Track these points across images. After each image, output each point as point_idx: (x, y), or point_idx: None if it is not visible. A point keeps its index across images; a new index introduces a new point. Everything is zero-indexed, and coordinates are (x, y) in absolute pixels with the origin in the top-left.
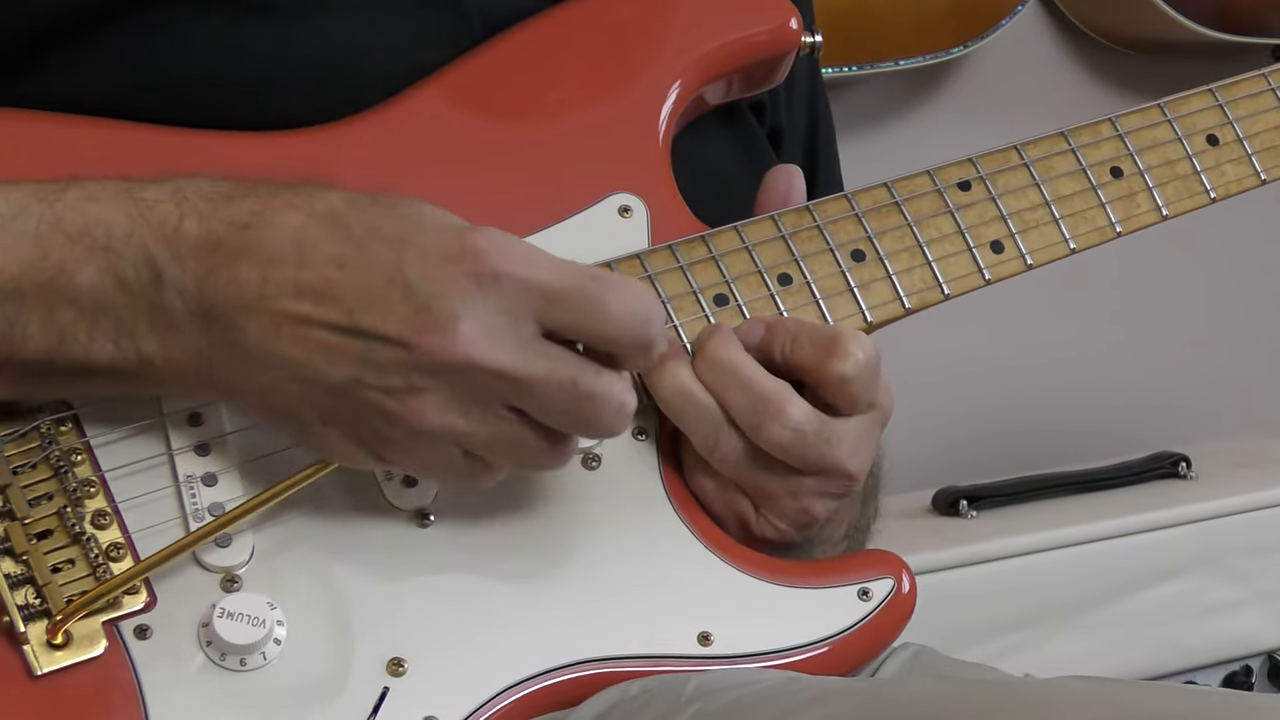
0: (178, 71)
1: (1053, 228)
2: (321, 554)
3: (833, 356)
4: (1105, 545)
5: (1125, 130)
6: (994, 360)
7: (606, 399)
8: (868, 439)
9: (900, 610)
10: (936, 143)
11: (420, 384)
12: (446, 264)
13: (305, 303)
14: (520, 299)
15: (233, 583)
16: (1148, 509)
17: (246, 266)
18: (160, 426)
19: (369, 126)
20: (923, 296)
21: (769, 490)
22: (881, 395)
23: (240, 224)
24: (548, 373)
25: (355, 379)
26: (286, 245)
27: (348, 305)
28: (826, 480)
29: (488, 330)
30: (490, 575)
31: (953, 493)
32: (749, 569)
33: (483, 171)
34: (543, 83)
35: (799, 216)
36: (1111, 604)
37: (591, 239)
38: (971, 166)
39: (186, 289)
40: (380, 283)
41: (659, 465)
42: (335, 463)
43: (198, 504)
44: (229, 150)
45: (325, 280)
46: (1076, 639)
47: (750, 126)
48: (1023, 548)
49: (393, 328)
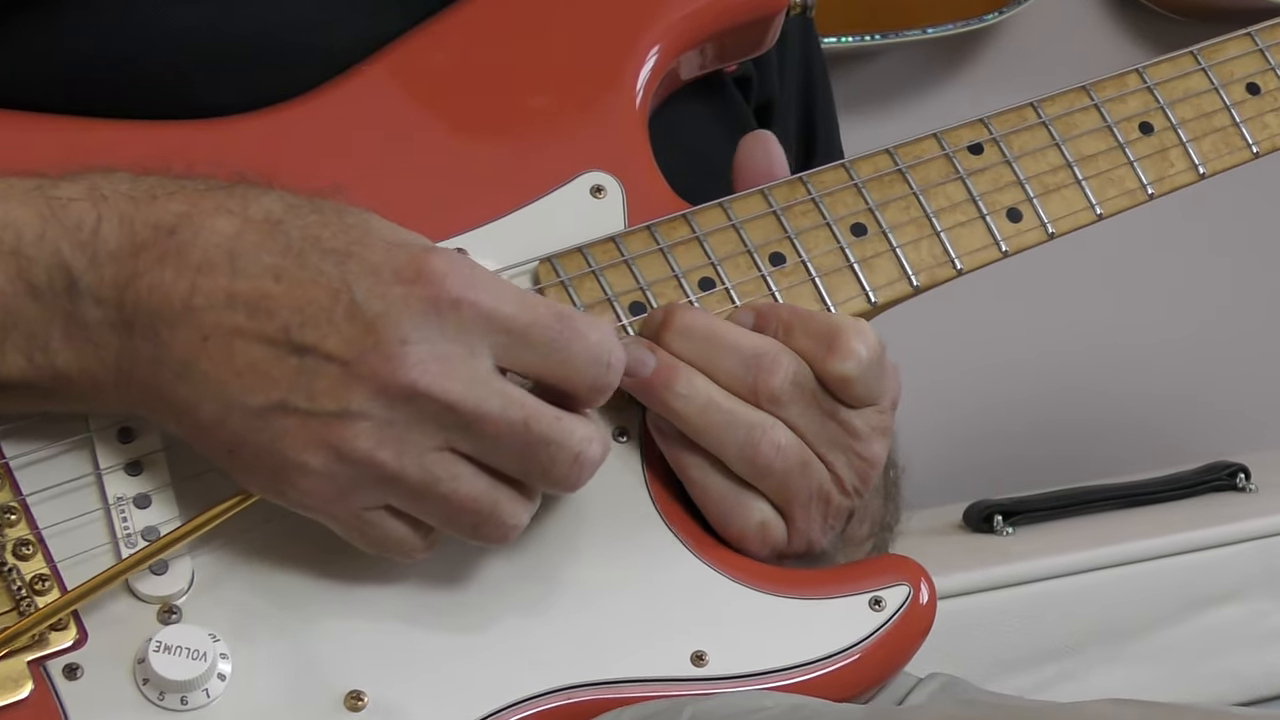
0: (97, 54)
1: (1076, 191)
2: (270, 579)
3: (832, 355)
4: (1155, 565)
5: (1154, 81)
6: (1031, 359)
7: (563, 445)
8: (878, 426)
9: (918, 622)
10: (958, 117)
11: (355, 408)
12: (399, 284)
13: (237, 315)
14: (479, 329)
15: (170, 613)
16: (1203, 525)
17: (173, 274)
18: (87, 443)
19: (309, 111)
20: (933, 272)
21: (801, 492)
22: (888, 385)
23: (166, 227)
24: (501, 411)
25: (280, 403)
26: (217, 253)
27: (284, 320)
28: (842, 460)
29: (440, 358)
30: (457, 595)
31: (986, 507)
32: (745, 579)
33: (438, 154)
34: (502, 54)
35: (791, 189)
36: (1162, 630)
37: (561, 223)
38: (983, 127)
39: (105, 298)
40: (322, 298)
41: (642, 468)
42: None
43: (129, 528)
44: (153, 141)
45: (260, 292)
46: (1123, 669)
47: (734, 100)
48: (1064, 568)
49: (334, 345)
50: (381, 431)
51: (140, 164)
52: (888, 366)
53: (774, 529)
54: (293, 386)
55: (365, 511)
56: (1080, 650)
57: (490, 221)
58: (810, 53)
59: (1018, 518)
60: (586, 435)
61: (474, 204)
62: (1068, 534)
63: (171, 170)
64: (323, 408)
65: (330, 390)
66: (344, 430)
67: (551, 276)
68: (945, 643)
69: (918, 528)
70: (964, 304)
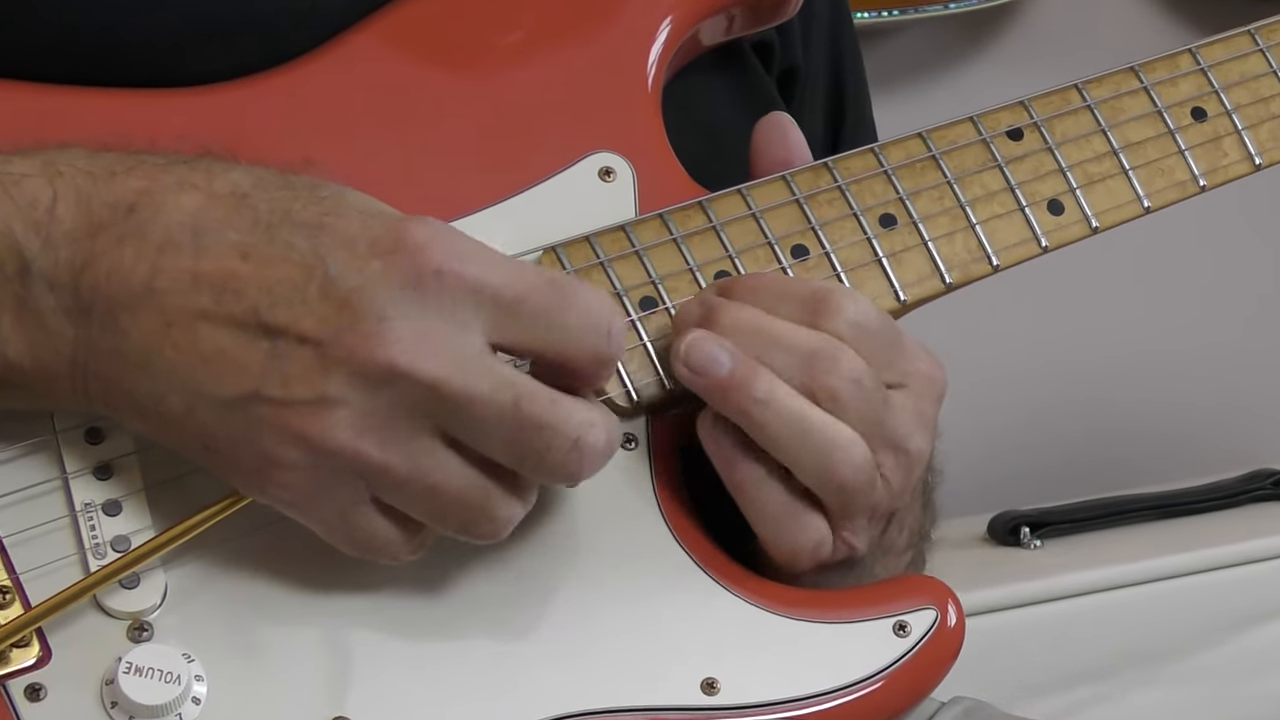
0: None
1: (1122, 182)
2: (249, 594)
3: (820, 319)
4: (1194, 581)
5: (1208, 63)
6: (1060, 360)
7: (559, 429)
8: (923, 416)
9: (945, 648)
10: (992, 101)
11: (333, 394)
12: (376, 256)
13: (203, 297)
14: (465, 303)
15: (141, 631)
16: (1245, 537)
17: (132, 255)
18: (52, 445)
19: (292, 81)
20: (967, 269)
21: (863, 508)
22: (920, 364)
23: (125, 206)
24: (490, 392)
25: (253, 392)
26: (180, 231)
27: (252, 300)
28: (890, 460)
29: (422, 335)
30: (453, 614)
31: (1013, 518)
32: (762, 601)
33: (432, 131)
34: (503, 23)
35: (816, 175)
36: (1202, 651)
37: (567, 208)
38: (1023, 111)
39: (60, 282)
40: (294, 275)
41: (651, 479)
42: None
43: (98, 538)
44: (116, 110)
45: (226, 272)
46: (1160, 692)
47: (754, 70)
48: (1096, 584)
49: (308, 326)
50: (362, 419)
51: (99, 138)
52: (912, 343)
53: (826, 546)
54: (265, 373)
55: (349, 507)
56: (1114, 672)
57: (489, 206)
58: (839, 20)
59: (1046, 530)
60: (587, 419)
61: (471, 186)
62: (1100, 547)
63: (133, 145)
64: (298, 395)
65: (305, 376)
66: (322, 420)
67: (556, 267)
68: (969, 664)
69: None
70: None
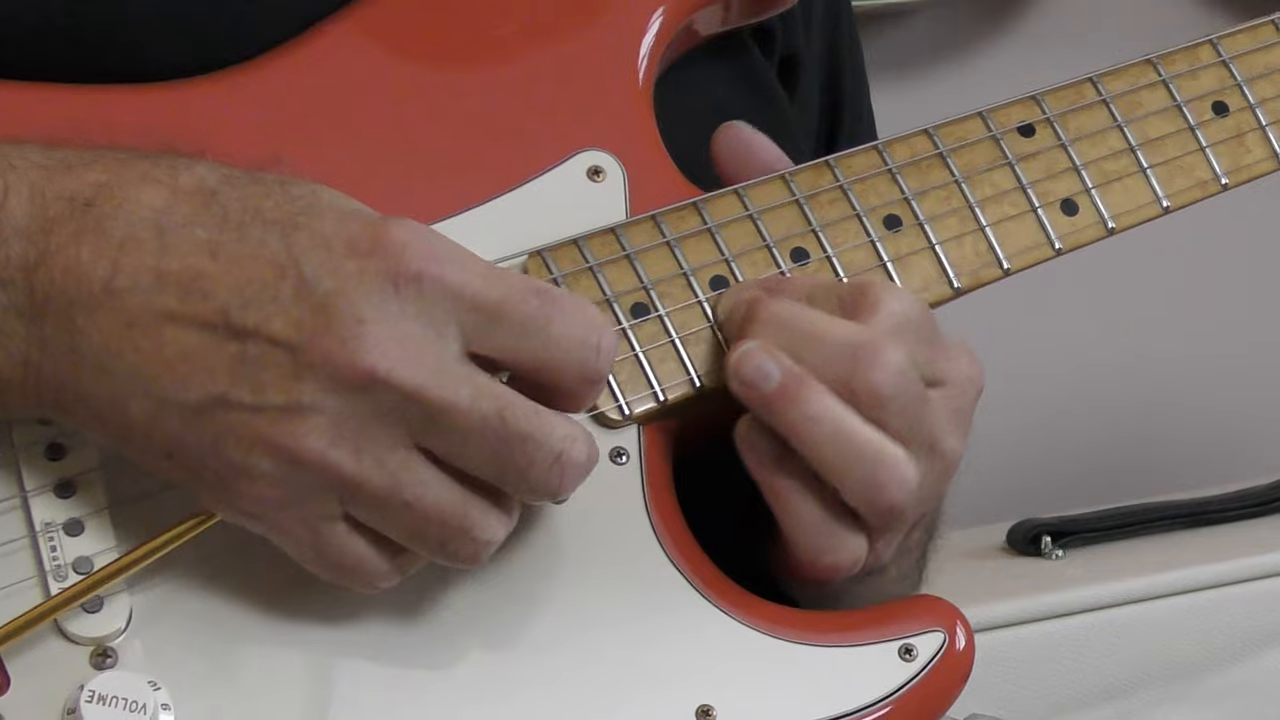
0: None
1: (1140, 181)
2: (217, 618)
3: (860, 313)
4: (1223, 593)
5: (1230, 55)
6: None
7: (542, 442)
8: (960, 415)
9: (953, 673)
10: (1009, 90)
11: (306, 401)
12: (353, 258)
13: (167, 296)
14: (445, 308)
15: (105, 657)
16: (1276, 548)
17: (90, 252)
18: (10, 462)
19: (263, 75)
20: (976, 273)
21: (903, 526)
22: (960, 362)
23: (82, 200)
24: (471, 401)
25: (221, 396)
26: (143, 228)
27: (222, 300)
28: (926, 463)
29: (400, 340)
30: (434, 637)
31: (1033, 527)
32: (759, 623)
33: (410, 129)
34: (486, 15)
35: (817, 174)
36: (1231, 667)
37: (554, 210)
38: (1035, 106)
39: (10, 280)
40: (266, 275)
41: (644, 495)
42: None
43: (59, 559)
44: (73, 105)
45: (194, 271)
46: (1188, 710)
47: (754, 59)
48: (1120, 596)
49: (279, 328)
50: (337, 428)
51: (55, 133)
52: (945, 340)
53: (863, 560)
54: (234, 377)
55: (321, 523)
56: (1139, 688)
57: (471, 207)
58: (838, 4)
59: (1068, 539)
60: (570, 434)
61: (452, 187)
62: (1124, 557)
63: (91, 141)
64: (269, 401)
65: (277, 380)
66: (294, 427)
67: (542, 272)
68: (986, 680)
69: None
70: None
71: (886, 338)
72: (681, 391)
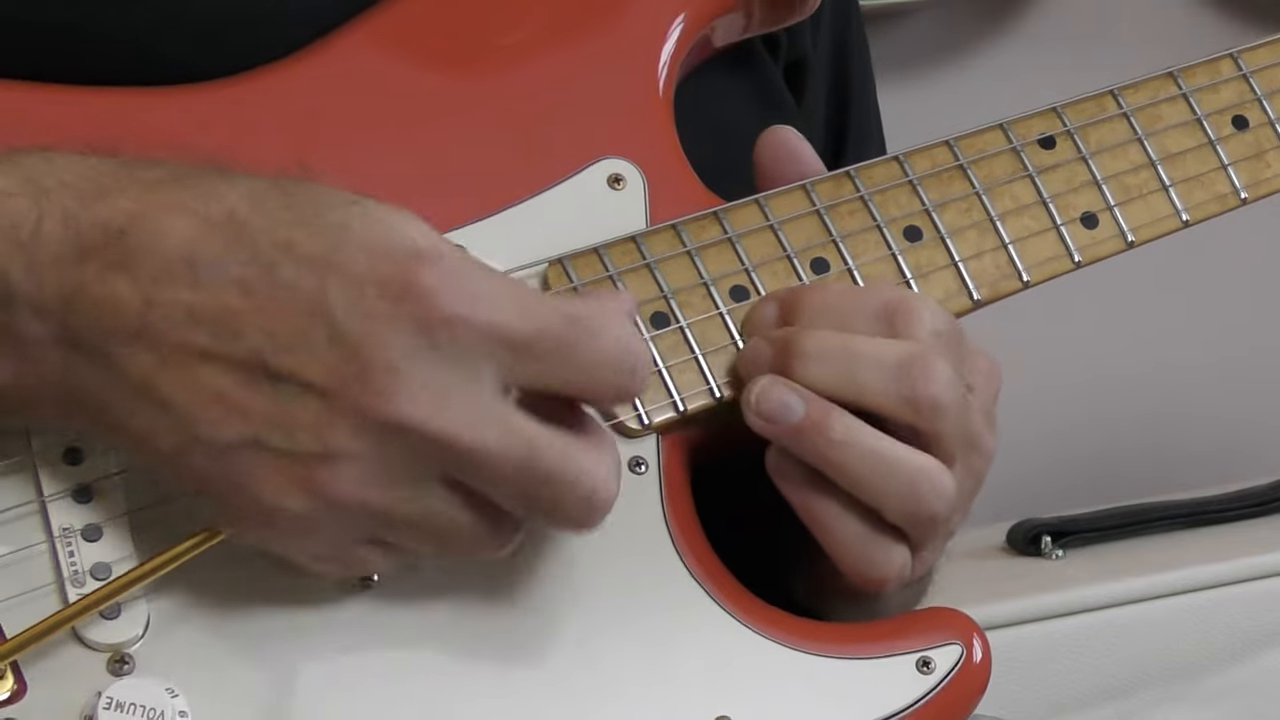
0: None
1: (1160, 197)
2: (236, 626)
3: (899, 329)
4: (1224, 593)
5: (1251, 69)
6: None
7: (573, 485)
8: (989, 414)
9: (971, 685)
10: (1017, 93)
11: (338, 448)
12: (385, 301)
13: (200, 334)
14: (478, 350)
15: (123, 664)
16: (1276, 548)
17: (126, 284)
18: (28, 466)
19: (284, 79)
20: (996, 286)
21: (946, 534)
22: (981, 362)
23: (116, 229)
24: (500, 444)
25: (254, 439)
26: (175, 260)
27: (255, 342)
28: (962, 468)
29: (433, 388)
30: (451, 649)
31: (1033, 527)
32: (777, 634)
33: (430, 135)
34: (506, 22)
35: (838, 185)
36: (1231, 667)
37: (574, 218)
38: (1056, 118)
39: (47, 309)
40: (297, 317)
41: (662, 505)
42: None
43: (77, 565)
44: (102, 110)
45: (225, 309)
46: (1188, 710)
47: (768, 68)
48: (1120, 596)
49: (315, 374)
50: (368, 470)
51: (83, 140)
52: (970, 347)
53: (909, 569)
54: (268, 421)
55: (345, 548)
56: (1139, 688)
57: (492, 214)
58: (846, 8)
59: (1069, 539)
60: (601, 475)
61: (473, 193)
62: (1125, 557)
63: (121, 150)
64: (302, 447)
65: (310, 426)
66: (326, 472)
67: (563, 281)
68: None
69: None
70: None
71: (932, 350)
72: (701, 402)
